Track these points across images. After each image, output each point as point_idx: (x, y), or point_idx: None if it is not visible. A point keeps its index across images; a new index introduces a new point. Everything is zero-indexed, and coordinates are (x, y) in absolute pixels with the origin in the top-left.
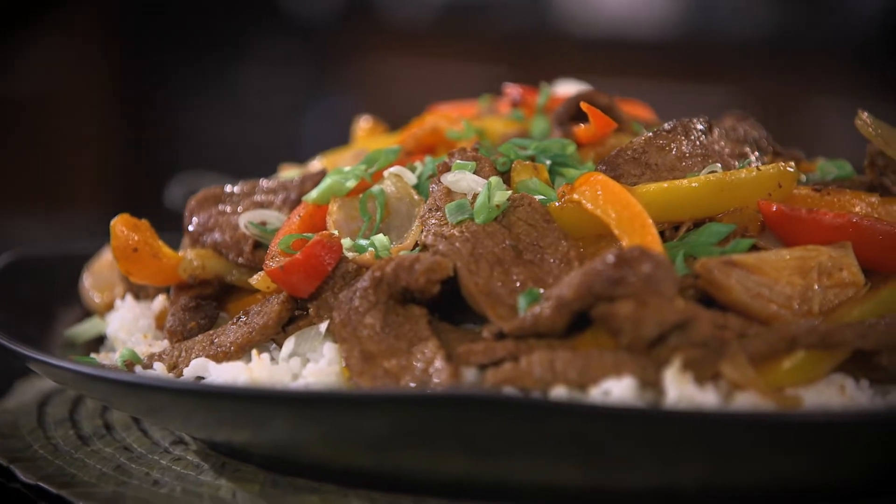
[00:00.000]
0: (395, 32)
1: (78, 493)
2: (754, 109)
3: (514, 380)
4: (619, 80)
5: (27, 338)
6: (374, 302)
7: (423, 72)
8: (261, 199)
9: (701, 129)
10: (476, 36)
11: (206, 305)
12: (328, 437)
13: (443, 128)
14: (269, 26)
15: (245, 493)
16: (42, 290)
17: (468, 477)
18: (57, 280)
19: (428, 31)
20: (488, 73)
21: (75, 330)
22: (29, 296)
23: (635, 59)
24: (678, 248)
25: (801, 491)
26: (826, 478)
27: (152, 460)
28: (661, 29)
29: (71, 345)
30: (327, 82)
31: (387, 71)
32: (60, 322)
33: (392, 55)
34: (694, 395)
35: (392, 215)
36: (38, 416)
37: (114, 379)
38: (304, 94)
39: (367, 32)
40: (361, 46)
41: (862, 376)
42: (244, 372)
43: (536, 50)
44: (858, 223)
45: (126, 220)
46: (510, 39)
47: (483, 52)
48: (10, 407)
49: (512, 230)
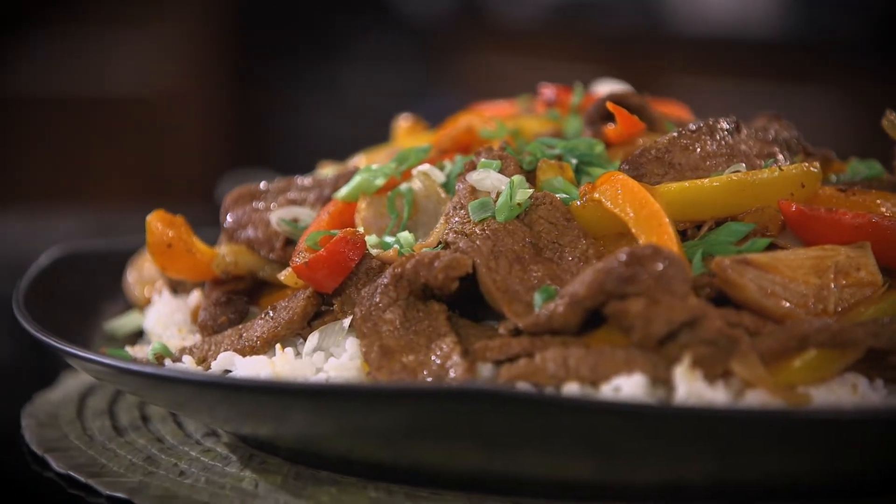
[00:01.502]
0: (503, 32)
1: (105, 483)
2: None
3: (528, 376)
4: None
5: (71, 331)
6: (395, 298)
7: (529, 72)
8: (295, 197)
9: (727, 129)
10: (583, 36)
11: (237, 300)
12: (344, 431)
13: (476, 127)
14: (378, 24)
15: (267, 485)
16: (89, 284)
17: (483, 471)
18: (104, 274)
19: (535, 31)
20: (594, 73)
21: (115, 323)
22: (76, 290)
23: (741, 59)
24: (697, 246)
25: (810, 488)
26: (834, 475)
27: (182, 452)
28: (768, 28)
29: (112, 338)
30: (434, 81)
31: (493, 70)
32: (106, 316)
33: (499, 55)
34: (704, 392)
35: (420, 213)
36: (77, 407)
37: (137, 371)
38: (411, 93)
39: (475, 32)
40: (469, 46)
41: (876, 376)
42: (267, 366)
43: (642, 50)
44: (878, 223)
45: (161, 216)
46: (616, 39)
47: (589, 52)
48: (54, 398)
49: (533, 228)
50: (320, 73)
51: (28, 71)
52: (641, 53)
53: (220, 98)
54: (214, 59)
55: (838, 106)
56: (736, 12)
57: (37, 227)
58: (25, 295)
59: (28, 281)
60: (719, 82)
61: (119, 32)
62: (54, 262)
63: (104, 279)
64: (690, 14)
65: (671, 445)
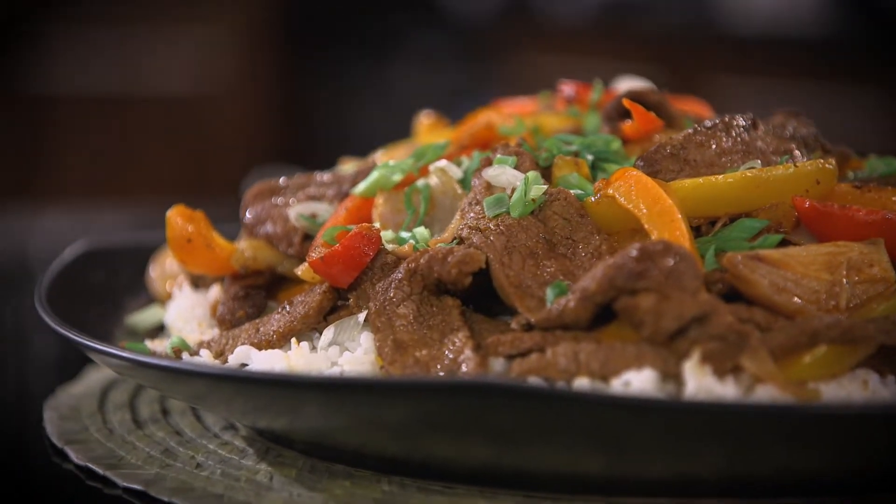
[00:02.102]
0: (550, 31)
1: (122, 474)
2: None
3: (540, 370)
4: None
5: (93, 325)
6: (409, 293)
7: (576, 71)
8: (314, 192)
9: (743, 126)
10: (630, 34)
11: (255, 295)
12: (357, 424)
13: (496, 123)
14: (427, 22)
15: (282, 478)
16: (112, 278)
17: (495, 465)
18: (128, 269)
19: (582, 30)
20: (642, 72)
21: (137, 317)
22: (99, 284)
23: (790, 58)
24: (710, 242)
25: (820, 483)
26: (844, 471)
27: (200, 444)
28: (819, 27)
29: (133, 332)
30: (481, 79)
31: (540, 69)
32: (129, 310)
33: (545, 54)
34: (713, 388)
35: (437, 209)
36: (99, 401)
37: (153, 365)
38: (458, 90)
39: (522, 30)
40: (515, 44)
41: (888, 372)
42: (282, 360)
43: (690, 48)
44: (892, 219)
45: (181, 211)
46: (664, 37)
47: (636, 50)
48: (77, 391)
49: (547, 224)
50: (369, 70)
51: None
52: (689, 51)
53: (268, 95)
54: (263, 57)
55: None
56: (785, 10)
57: (83, 222)
58: (48, 289)
59: (52, 276)
60: (767, 81)
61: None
62: (78, 256)
63: (128, 274)
64: (739, 12)
65: (680, 440)
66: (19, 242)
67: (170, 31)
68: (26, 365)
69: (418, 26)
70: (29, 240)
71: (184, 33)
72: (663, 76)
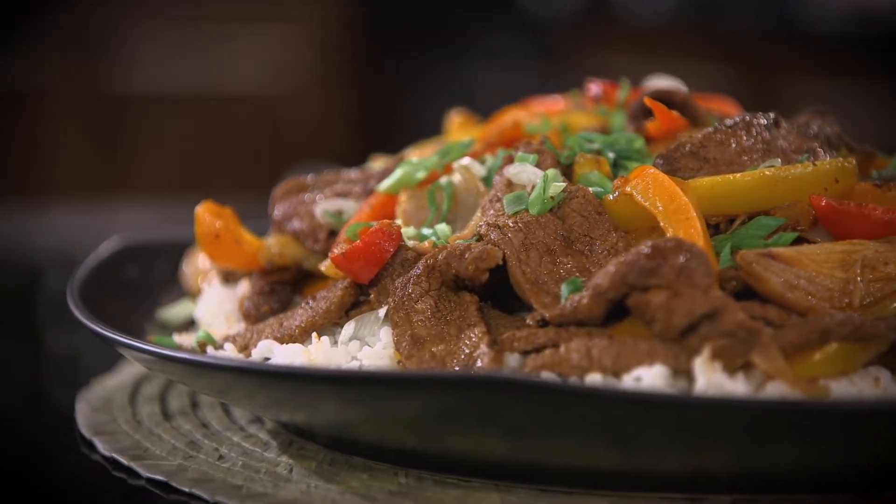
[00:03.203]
0: (627, 31)
1: (146, 465)
2: None
3: (553, 365)
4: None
5: (127, 320)
6: (427, 289)
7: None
8: (342, 189)
9: (764, 125)
10: (709, 34)
11: (280, 290)
12: (372, 418)
13: (523, 122)
14: (504, 22)
15: (301, 470)
16: (148, 273)
17: (510, 459)
18: (164, 264)
19: (660, 30)
20: (719, 72)
21: (168, 312)
22: (135, 280)
23: (870, 57)
24: (726, 240)
25: (830, 479)
26: (853, 467)
27: (225, 437)
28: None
29: (165, 327)
30: (557, 79)
31: (616, 69)
32: (164, 306)
33: (622, 54)
34: (723, 384)
35: (460, 206)
36: (131, 393)
37: (174, 358)
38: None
39: (599, 30)
40: (592, 43)
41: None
42: (303, 354)
43: (770, 47)
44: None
45: (210, 208)
46: (742, 37)
47: (715, 51)
48: (111, 384)
49: (566, 221)
50: (446, 69)
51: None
52: (767, 51)
53: (345, 94)
54: (340, 55)
55: None
56: (866, 8)
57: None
58: (83, 283)
59: (86, 270)
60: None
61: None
62: (114, 252)
63: (163, 269)
64: (819, 10)
65: (690, 436)
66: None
67: (249, 29)
68: (66, 356)
69: (496, 25)
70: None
71: (261, 32)
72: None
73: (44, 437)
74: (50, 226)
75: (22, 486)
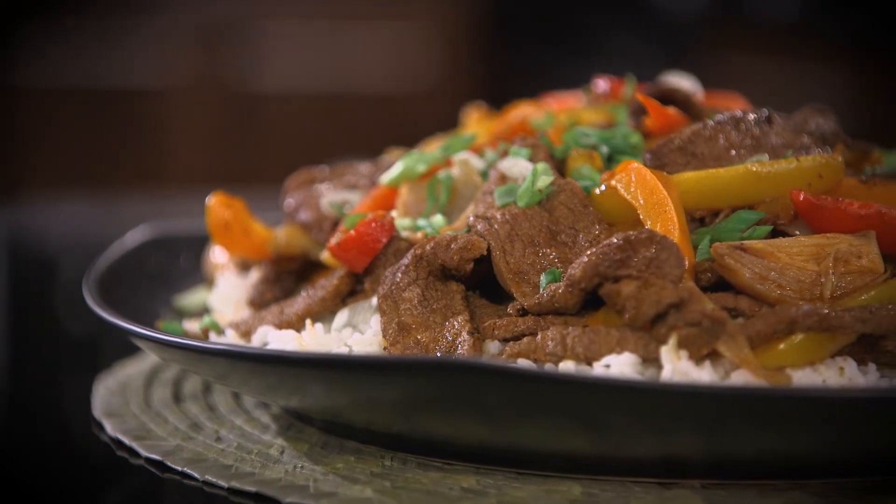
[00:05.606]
0: (754, 31)
1: (146, 445)
2: None
3: (529, 353)
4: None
5: (148, 309)
6: (415, 278)
7: (770, 71)
8: (350, 181)
9: (754, 121)
10: (834, 33)
11: (285, 279)
12: (356, 402)
13: (530, 117)
14: (630, 22)
15: (293, 452)
16: (172, 262)
17: (489, 444)
18: (189, 254)
19: (785, 30)
20: (838, 74)
21: (185, 300)
22: (157, 268)
23: None
24: (706, 233)
25: (797, 465)
26: (821, 453)
27: (227, 420)
28: None
29: (182, 313)
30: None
31: (740, 69)
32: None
33: (749, 53)
34: (690, 371)
35: (458, 199)
36: (147, 378)
37: (170, 343)
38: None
39: (725, 30)
40: (718, 44)
41: (870, 360)
42: (295, 340)
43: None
44: (885, 213)
45: (221, 198)
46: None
47: (838, 52)
48: (130, 369)
49: (553, 213)
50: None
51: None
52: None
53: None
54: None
55: None
56: None
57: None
58: (103, 273)
59: (109, 260)
60: None
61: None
62: (140, 243)
63: (188, 259)
64: None
65: (657, 421)
66: None
67: (375, 27)
68: (90, 342)
69: (625, 26)
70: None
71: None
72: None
73: (61, 417)
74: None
75: (34, 464)
